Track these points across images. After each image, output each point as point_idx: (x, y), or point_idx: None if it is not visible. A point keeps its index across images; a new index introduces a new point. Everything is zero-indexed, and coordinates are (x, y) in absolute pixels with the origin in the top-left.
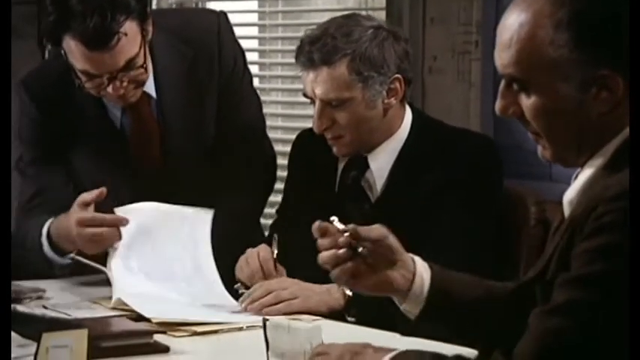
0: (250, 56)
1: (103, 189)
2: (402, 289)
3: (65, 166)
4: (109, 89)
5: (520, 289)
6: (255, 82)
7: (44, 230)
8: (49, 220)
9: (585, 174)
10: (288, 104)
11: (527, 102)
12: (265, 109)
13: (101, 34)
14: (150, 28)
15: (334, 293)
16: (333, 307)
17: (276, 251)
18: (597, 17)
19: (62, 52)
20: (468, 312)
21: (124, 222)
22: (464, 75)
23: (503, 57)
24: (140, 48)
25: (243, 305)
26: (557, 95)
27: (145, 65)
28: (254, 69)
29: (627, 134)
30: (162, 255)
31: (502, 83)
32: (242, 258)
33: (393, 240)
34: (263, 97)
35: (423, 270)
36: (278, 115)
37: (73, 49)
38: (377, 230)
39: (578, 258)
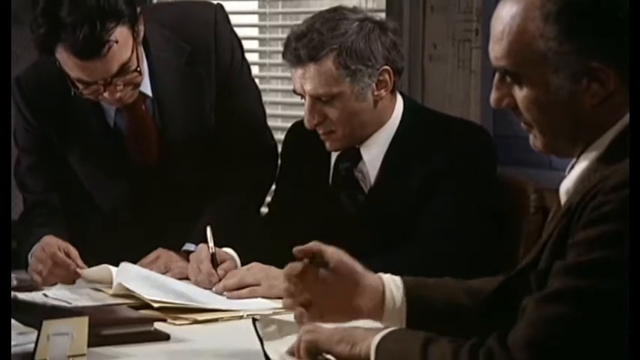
0: (250, 44)
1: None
2: (374, 312)
3: (63, 169)
4: (106, 95)
5: (513, 278)
6: (255, 70)
7: (34, 248)
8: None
9: (581, 165)
10: (288, 92)
11: (520, 94)
12: (265, 98)
13: (91, 44)
14: (141, 28)
15: None
16: None
17: (211, 245)
18: (585, 9)
19: (57, 62)
20: (452, 314)
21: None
22: (464, 63)
23: (496, 49)
24: (132, 51)
25: (213, 289)
26: (548, 87)
27: (138, 68)
28: (254, 57)
29: (623, 125)
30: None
31: (496, 75)
32: (190, 266)
33: (350, 260)
34: (263, 86)
35: (392, 286)
36: (278, 103)
37: (65, 59)
38: (332, 249)
39: (576, 246)
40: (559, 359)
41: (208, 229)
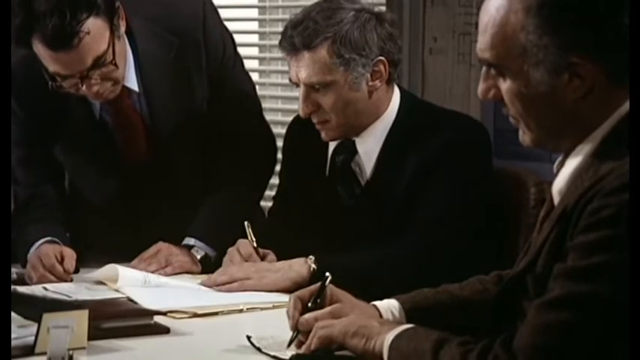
0: (250, 38)
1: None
2: None
3: (54, 162)
4: (84, 88)
5: (511, 281)
6: (255, 64)
7: (33, 249)
8: (42, 240)
9: (573, 162)
10: (288, 87)
11: (503, 86)
12: (265, 92)
13: (61, 34)
14: (121, 22)
15: (296, 266)
16: (296, 281)
17: (254, 239)
18: (566, 3)
19: (36, 55)
20: (453, 323)
21: (67, 279)
22: (464, 56)
23: (480, 41)
24: (109, 45)
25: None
26: (529, 81)
27: (114, 62)
28: (254, 51)
29: (614, 122)
30: None
31: (483, 67)
32: (226, 259)
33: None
34: (263, 80)
35: (388, 314)
36: (278, 97)
37: (40, 51)
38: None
39: (576, 250)
40: None
41: (247, 224)
